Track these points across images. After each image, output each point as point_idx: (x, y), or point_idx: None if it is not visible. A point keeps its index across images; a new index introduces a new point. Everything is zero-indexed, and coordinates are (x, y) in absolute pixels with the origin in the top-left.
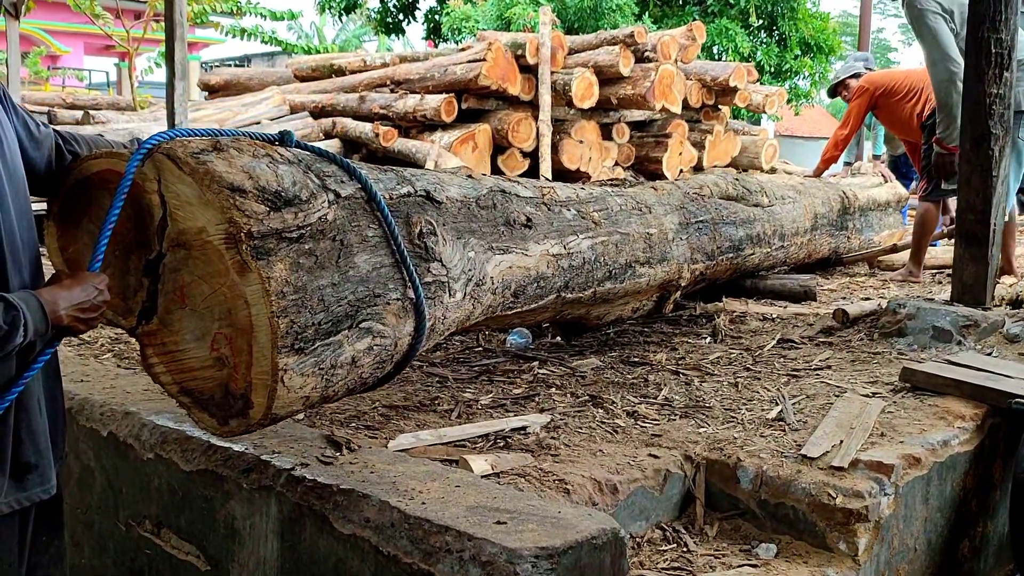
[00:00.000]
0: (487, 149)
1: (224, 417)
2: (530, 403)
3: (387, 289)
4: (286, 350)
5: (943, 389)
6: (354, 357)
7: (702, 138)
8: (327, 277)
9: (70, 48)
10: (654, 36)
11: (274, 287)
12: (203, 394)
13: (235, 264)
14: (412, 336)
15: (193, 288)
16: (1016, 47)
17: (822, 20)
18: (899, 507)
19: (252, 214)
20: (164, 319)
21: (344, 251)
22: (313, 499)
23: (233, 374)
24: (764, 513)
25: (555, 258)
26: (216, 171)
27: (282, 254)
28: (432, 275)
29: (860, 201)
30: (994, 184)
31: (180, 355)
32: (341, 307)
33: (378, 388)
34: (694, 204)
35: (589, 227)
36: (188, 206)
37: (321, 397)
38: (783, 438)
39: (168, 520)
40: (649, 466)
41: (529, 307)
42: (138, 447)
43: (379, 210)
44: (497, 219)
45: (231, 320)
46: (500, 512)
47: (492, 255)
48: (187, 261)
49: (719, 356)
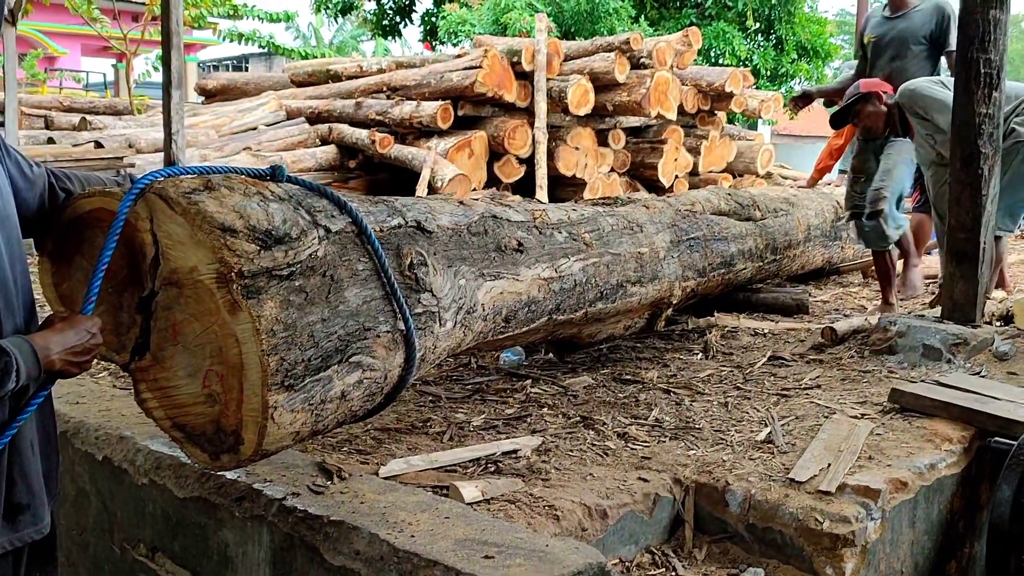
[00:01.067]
0: (483, 156)
1: (215, 452)
2: (522, 424)
3: (377, 322)
4: (276, 387)
5: (931, 411)
6: (344, 391)
7: (698, 143)
8: (317, 313)
9: (67, 50)
10: (650, 42)
11: (264, 326)
12: (195, 429)
13: (226, 303)
14: (402, 368)
15: (185, 326)
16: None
17: (819, 24)
18: (886, 531)
19: (243, 253)
20: (157, 355)
21: (334, 286)
22: (304, 530)
23: (224, 410)
24: (752, 537)
25: (546, 282)
26: (207, 211)
27: (272, 292)
28: (423, 306)
29: None
30: (983, 203)
31: (172, 391)
32: (331, 342)
33: (368, 419)
34: (685, 221)
35: (580, 249)
36: (180, 245)
37: (311, 432)
38: (772, 461)
39: (163, 545)
40: (639, 490)
41: (520, 331)
42: (133, 472)
43: (369, 243)
44: (488, 245)
45: (222, 358)
46: (488, 546)
47: (483, 282)
48: (179, 299)
49: (710, 374)
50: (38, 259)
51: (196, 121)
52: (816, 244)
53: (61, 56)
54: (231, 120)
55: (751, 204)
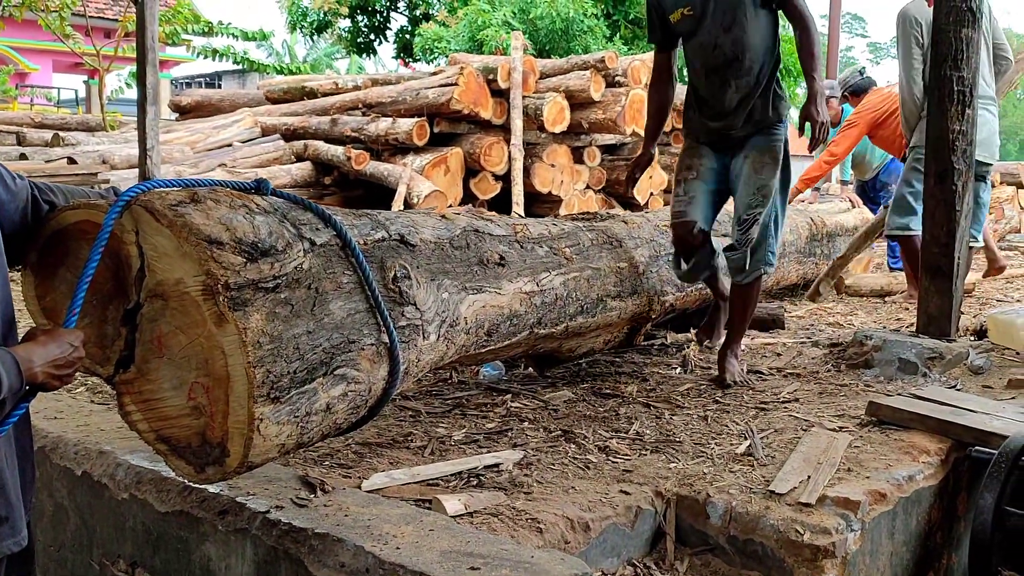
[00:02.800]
0: (459, 172)
1: (201, 465)
2: (503, 438)
3: (362, 335)
4: (262, 399)
5: (908, 423)
6: (329, 404)
7: (672, 161)
8: (302, 325)
9: (39, 66)
10: (624, 61)
11: (251, 338)
12: (180, 442)
13: (212, 315)
14: (386, 380)
15: (171, 338)
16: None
17: (789, 43)
18: (865, 542)
19: (229, 266)
20: (142, 368)
21: (319, 299)
22: (288, 543)
23: (210, 423)
24: (733, 549)
25: (528, 295)
26: (194, 223)
27: (259, 304)
28: (406, 319)
29: (828, 227)
30: (957, 218)
31: (157, 403)
32: (316, 355)
33: (352, 432)
34: (664, 236)
35: (561, 263)
36: (166, 257)
37: (296, 444)
38: (752, 473)
39: (143, 560)
40: (620, 503)
41: (502, 344)
42: (112, 487)
43: (354, 256)
44: (471, 259)
45: (208, 370)
46: (473, 557)
47: (466, 295)
48: (165, 311)
49: (689, 387)
50: (21, 272)
51: (170, 138)
52: (791, 260)
53: (32, 72)
54: (206, 137)
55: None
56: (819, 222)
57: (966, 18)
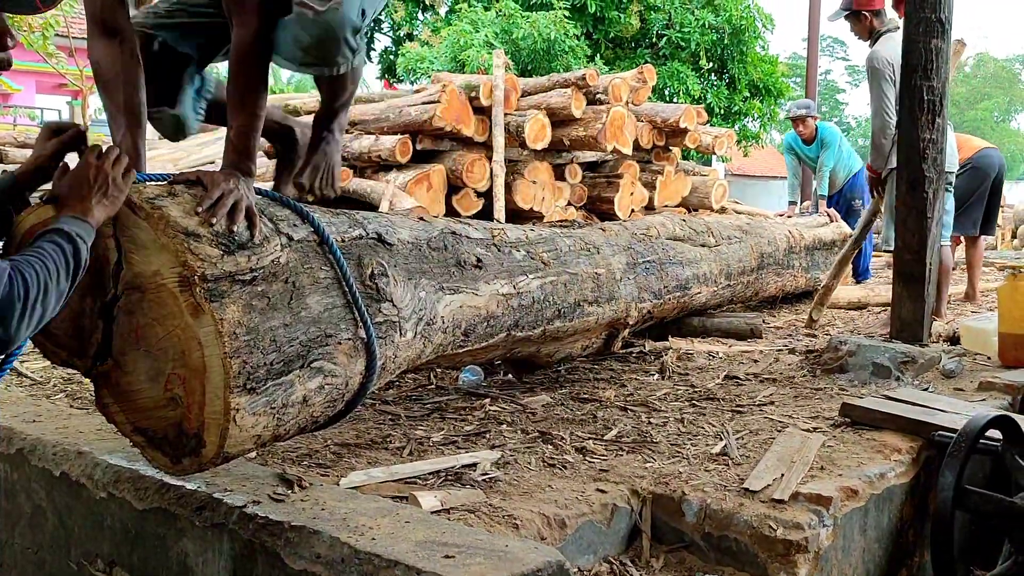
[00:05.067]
0: (442, 189)
1: (177, 456)
2: (481, 440)
3: (339, 329)
4: (238, 390)
5: (881, 423)
6: (305, 396)
7: (653, 178)
8: (279, 318)
9: (22, 86)
10: (605, 79)
11: (227, 328)
12: (156, 433)
13: (189, 306)
14: (363, 375)
15: (148, 330)
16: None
17: (770, 64)
18: (838, 538)
19: (206, 258)
20: (119, 360)
21: (296, 293)
22: (265, 536)
23: (186, 414)
24: (708, 545)
25: (505, 298)
26: (171, 215)
27: (235, 296)
28: (383, 315)
29: (806, 240)
30: (929, 225)
31: (134, 395)
32: (293, 347)
33: (330, 427)
34: (641, 245)
35: (538, 267)
36: (143, 250)
37: (273, 436)
38: (727, 472)
39: (121, 559)
40: (597, 501)
41: (480, 345)
42: (91, 486)
43: (331, 252)
44: (448, 260)
45: (185, 361)
46: (448, 547)
47: (443, 295)
48: (142, 304)
49: (666, 392)
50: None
51: (153, 155)
52: (769, 272)
53: (15, 93)
54: (188, 155)
55: (705, 231)
56: (796, 235)
57: (936, 29)
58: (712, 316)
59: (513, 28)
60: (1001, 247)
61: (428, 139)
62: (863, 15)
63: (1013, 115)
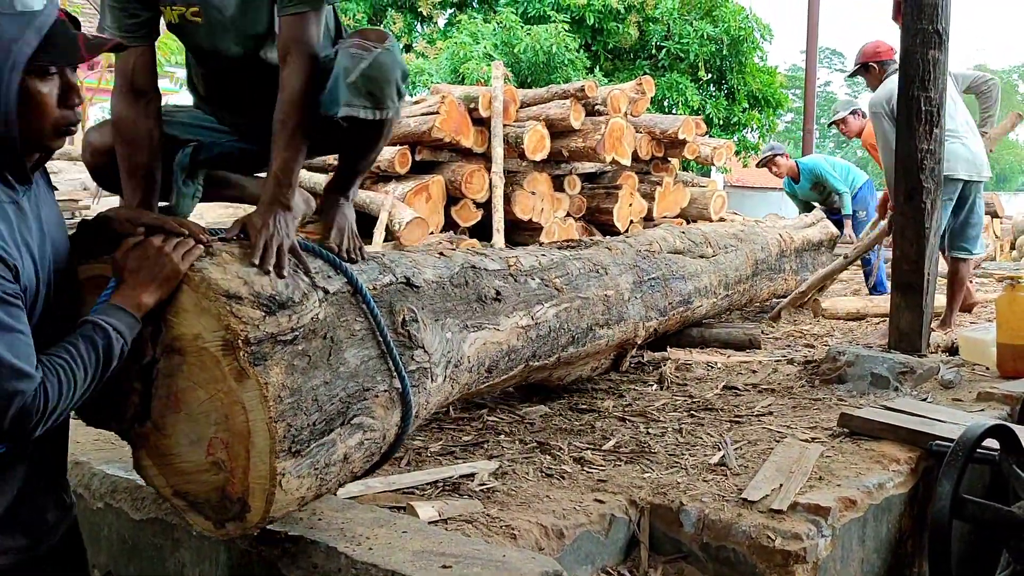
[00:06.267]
0: (441, 200)
1: (220, 520)
2: (479, 450)
3: (375, 382)
4: (283, 454)
5: (879, 434)
6: (346, 454)
7: (652, 190)
8: (320, 376)
9: None
10: (604, 90)
11: (272, 392)
12: (198, 497)
13: (232, 371)
14: (399, 426)
15: (188, 393)
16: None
17: (769, 75)
18: (836, 548)
19: (248, 320)
20: (158, 423)
21: (335, 348)
22: (261, 546)
23: (230, 478)
24: (706, 556)
25: (524, 329)
26: (212, 278)
27: (278, 358)
28: (416, 362)
29: (795, 243)
30: (927, 235)
31: (174, 459)
32: (333, 405)
33: (364, 478)
34: (646, 261)
35: (552, 294)
36: (184, 313)
37: (315, 495)
38: (725, 482)
39: (118, 569)
40: (595, 511)
41: (499, 379)
42: (88, 496)
43: (365, 303)
44: (470, 296)
45: (228, 425)
46: (446, 556)
47: (467, 333)
48: (182, 367)
49: (665, 403)
50: None
51: None
52: (763, 277)
53: None
54: None
55: (703, 241)
56: (787, 238)
57: (933, 40)
58: (711, 326)
59: (513, 40)
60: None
61: (427, 150)
62: (871, 67)
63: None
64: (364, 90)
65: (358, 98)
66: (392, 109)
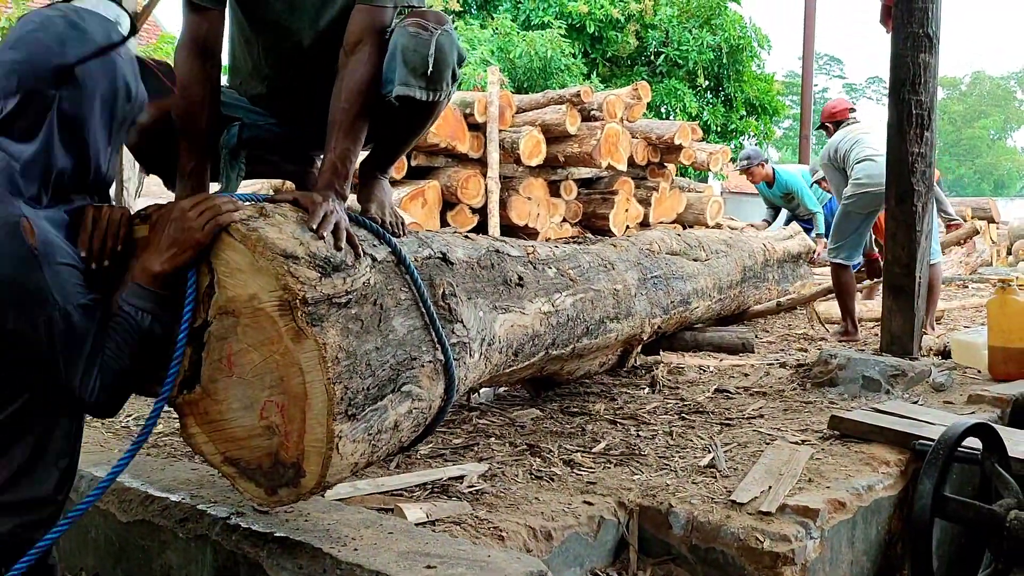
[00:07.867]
0: (436, 205)
1: (273, 487)
2: (469, 452)
3: (421, 351)
4: (340, 416)
5: (869, 436)
6: (396, 421)
7: (648, 195)
8: (372, 341)
9: None
10: (600, 95)
11: (330, 353)
12: (249, 464)
13: (290, 331)
14: (443, 398)
15: (242, 356)
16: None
17: (766, 82)
18: (825, 550)
19: (305, 280)
20: (208, 388)
21: (384, 315)
22: (247, 547)
23: (284, 442)
24: (695, 558)
25: (546, 316)
26: (268, 237)
27: (333, 320)
28: (456, 336)
29: (778, 254)
30: (918, 239)
31: (225, 424)
32: (385, 371)
33: (408, 451)
34: (648, 260)
35: (568, 284)
36: (238, 273)
37: (367, 463)
38: (714, 485)
39: (105, 571)
40: (583, 513)
41: (521, 365)
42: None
43: (408, 273)
44: (496, 279)
45: (283, 388)
46: (431, 557)
47: (497, 314)
48: (235, 329)
49: (656, 406)
50: None
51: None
52: (750, 285)
53: None
54: None
55: (697, 245)
56: (771, 248)
57: (923, 43)
58: (704, 330)
59: (509, 46)
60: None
61: (423, 155)
62: (827, 126)
63: (1009, 133)
64: (421, 70)
65: (415, 78)
66: (446, 92)
